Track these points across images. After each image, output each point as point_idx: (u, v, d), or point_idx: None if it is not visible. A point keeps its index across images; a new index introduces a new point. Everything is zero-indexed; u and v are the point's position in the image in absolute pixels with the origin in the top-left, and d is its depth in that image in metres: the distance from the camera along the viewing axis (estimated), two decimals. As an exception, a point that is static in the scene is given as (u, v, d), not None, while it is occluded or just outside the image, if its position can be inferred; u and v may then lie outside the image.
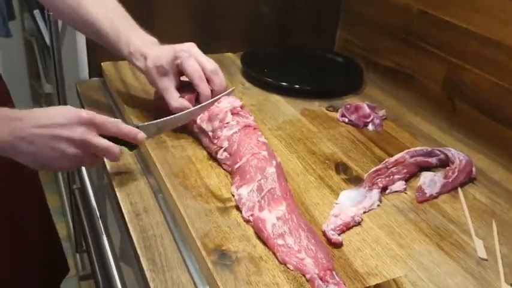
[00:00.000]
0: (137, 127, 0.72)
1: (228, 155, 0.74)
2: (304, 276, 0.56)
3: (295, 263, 0.57)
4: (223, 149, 0.74)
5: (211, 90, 0.79)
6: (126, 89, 0.98)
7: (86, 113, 0.65)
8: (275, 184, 0.66)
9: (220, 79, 0.79)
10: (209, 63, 0.79)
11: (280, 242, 0.59)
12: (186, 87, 0.81)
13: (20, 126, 0.61)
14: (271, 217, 0.62)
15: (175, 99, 0.79)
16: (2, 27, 1.71)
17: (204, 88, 0.78)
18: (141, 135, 0.71)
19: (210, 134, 0.77)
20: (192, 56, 0.78)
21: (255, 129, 0.77)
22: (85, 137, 0.64)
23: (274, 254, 0.59)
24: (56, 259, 1.06)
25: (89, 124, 0.65)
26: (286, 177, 0.72)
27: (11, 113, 0.63)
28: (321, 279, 0.55)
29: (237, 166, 0.70)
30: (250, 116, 0.80)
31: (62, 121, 0.63)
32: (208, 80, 0.78)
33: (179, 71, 0.80)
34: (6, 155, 0.62)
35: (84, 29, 0.88)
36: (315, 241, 0.60)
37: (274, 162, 0.70)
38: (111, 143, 0.67)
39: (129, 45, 0.80)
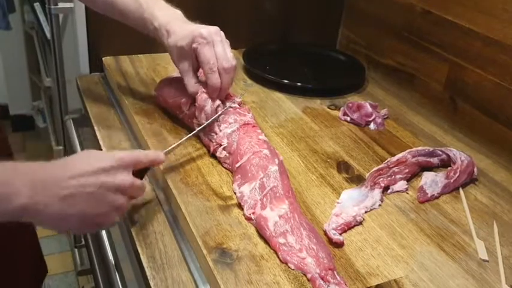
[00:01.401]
0: None
1: (227, 154, 0.73)
2: (305, 275, 0.56)
3: (296, 262, 0.57)
4: (222, 147, 0.74)
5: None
6: (126, 83, 0.97)
7: (122, 154, 0.57)
8: (277, 182, 0.66)
9: (229, 78, 0.76)
10: (225, 59, 0.74)
11: (281, 240, 0.59)
12: None
13: (50, 180, 0.49)
14: (274, 215, 0.62)
15: (192, 84, 0.77)
16: (1, 20, 1.70)
17: (212, 80, 0.74)
18: (163, 155, 0.66)
19: (209, 131, 0.77)
20: (210, 43, 0.74)
21: (253, 126, 0.76)
22: (130, 181, 0.56)
23: (275, 252, 0.59)
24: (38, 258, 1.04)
25: (126, 165, 0.57)
26: (288, 175, 0.72)
27: (29, 166, 0.49)
28: (322, 278, 0.55)
29: (238, 165, 0.70)
30: (249, 113, 0.79)
31: (103, 165, 0.53)
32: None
33: None
34: (28, 220, 0.50)
35: (109, 10, 0.84)
36: (316, 240, 0.59)
37: (276, 160, 0.69)
38: (140, 180, 0.61)
39: (152, 20, 0.78)
